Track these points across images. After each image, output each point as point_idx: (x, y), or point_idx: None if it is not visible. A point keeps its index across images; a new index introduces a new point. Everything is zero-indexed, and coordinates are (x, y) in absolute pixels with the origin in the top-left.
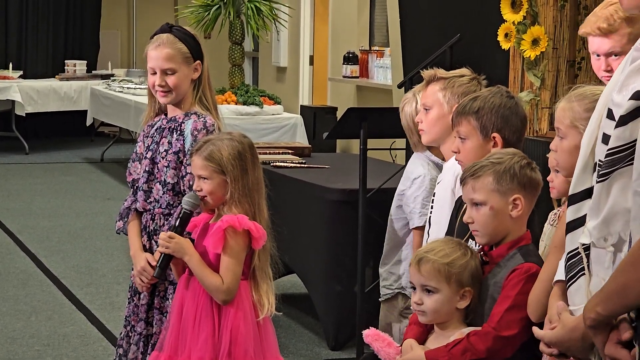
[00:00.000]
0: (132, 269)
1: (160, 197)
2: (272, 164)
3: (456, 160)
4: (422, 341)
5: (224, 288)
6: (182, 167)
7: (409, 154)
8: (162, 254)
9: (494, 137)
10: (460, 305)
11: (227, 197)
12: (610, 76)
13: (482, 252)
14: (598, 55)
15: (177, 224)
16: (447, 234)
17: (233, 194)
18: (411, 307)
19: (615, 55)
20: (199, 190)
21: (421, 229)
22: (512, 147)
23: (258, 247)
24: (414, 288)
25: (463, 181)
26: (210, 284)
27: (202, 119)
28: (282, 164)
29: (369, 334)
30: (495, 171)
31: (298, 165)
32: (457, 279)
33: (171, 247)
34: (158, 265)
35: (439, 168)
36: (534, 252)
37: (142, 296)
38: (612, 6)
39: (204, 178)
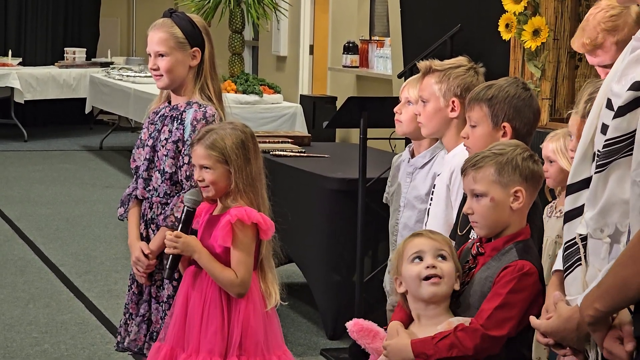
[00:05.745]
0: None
1: (159, 185)
2: (271, 153)
3: (464, 145)
4: (407, 325)
5: (238, 282)
6: (180, 157)
7: (407, 143)
8: (170, 255)
9: (504, 127)
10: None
11: (231, 187)
12: None
13: (478, 243)
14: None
15: (181, 222)
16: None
17: (237, 183)
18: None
19: (606, 67)
20: (200, 180)
21: None
22: (522, 138)
23: (267, 238)
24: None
25: (464, 172)
26: (224, 279)
27: (203, 109)
28: (281, 152)
29: (354, 329)
30: (497, 162)
31: (297, 154)
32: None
33: (179, 246)
34: (167, 266)
35: None
36: (531, 248)
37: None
38: (598, 16)
39: (207, 168)
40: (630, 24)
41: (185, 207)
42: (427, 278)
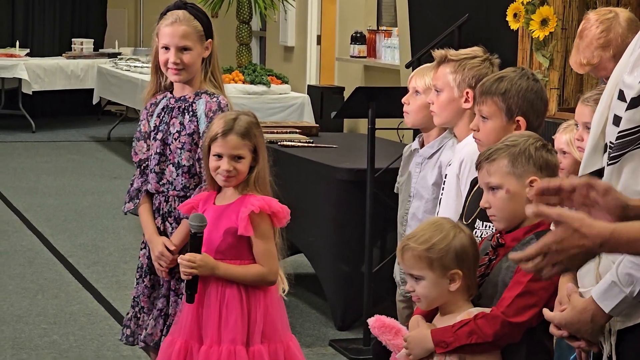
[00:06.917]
0: (141, 250)
1: (174, 179)
2: (279, 143)
3: (474, 138)
4: (429, 318)
5: (267, 271)
6: (198, 149)
7: (416, 133)
8: (187, 280)
9: (517, 121)
10: (452, 288)
11: (252, 176)
12: None
13: (498, 234)
14: None
15: (190, 248)
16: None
17: (260, 172)
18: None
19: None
20: (229, 171)
21: None
22: (535, 131)
23: (282, 225)
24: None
25: (478, 166)
26: (252, 277)
27: (216, 99)
28: (289, 143)
29: (375, 325)
30: (510, 153)
31: (305, 144)
32: (440, 263)
33: (197, 268)
34: (188, 292)
35: None
36: None
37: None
38: (589, 34)
39: (240, 157)
40: (622, 33)
41: (196, 233)
42: None
